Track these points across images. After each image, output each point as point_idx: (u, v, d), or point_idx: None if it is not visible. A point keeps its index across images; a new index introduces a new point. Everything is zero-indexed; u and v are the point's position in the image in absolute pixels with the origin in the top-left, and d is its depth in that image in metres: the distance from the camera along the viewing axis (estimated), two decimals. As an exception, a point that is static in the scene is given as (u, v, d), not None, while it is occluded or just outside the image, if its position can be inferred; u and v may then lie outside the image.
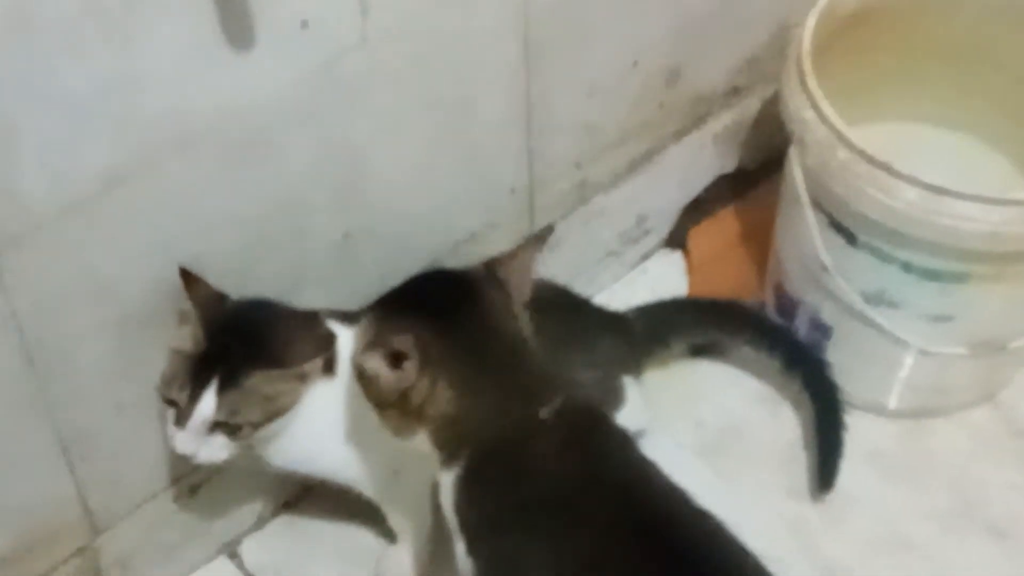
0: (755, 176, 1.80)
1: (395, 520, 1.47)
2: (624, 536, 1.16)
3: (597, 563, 1.15)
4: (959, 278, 1.44)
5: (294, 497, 1.56)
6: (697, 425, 1.63)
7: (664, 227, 1.77)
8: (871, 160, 1.38)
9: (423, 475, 1.37)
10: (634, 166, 1.66)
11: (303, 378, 1.28)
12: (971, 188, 1.37)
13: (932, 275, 1.44)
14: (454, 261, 1.51)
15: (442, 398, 1.17)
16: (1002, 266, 1.42)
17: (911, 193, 1.37)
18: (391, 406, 1.19)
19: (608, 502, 1.17)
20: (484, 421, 1.19)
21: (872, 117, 1.60)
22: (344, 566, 1.51)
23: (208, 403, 1.23)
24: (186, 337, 1.26)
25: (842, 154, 1.40)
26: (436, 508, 1.40)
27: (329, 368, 1.30)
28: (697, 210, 1.78)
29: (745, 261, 1.74)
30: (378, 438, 1.36)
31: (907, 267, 1.44)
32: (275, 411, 1.27)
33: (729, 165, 1.78)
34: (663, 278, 1.76)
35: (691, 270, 1.76)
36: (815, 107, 1.42)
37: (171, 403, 1.26)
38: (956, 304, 1.47)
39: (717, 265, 1.74)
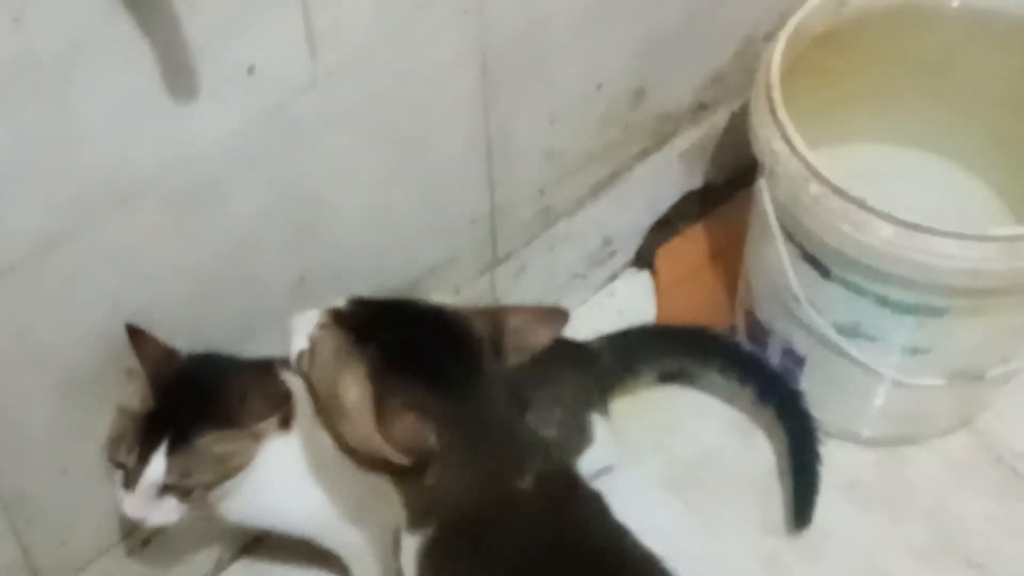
0: (723, 191, 1.75)
1: (358, 570, 1.42)
2: None
3: None
4: (936, 312, 1.39)
5: (253, 541, 1.51)
6: (668, 456, 1.58)
7: (630, 248, 1.72)
8: (844, 195, 1.32)
9: (386, 521, 1.32)
10: (598, 188, 1.61)
11: (258, 436, 1.22)
12: (946, 215, 1.32)
13: (908, 309, 1.40)
14: (415, 295, 1.47)
15: (431, 471, 1.11)
16: (981, 300, 1.38)
17: (886, 230, 1.32)
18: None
19: (582, 573, 1.12)
20: (461, 492, 1.12)
21: (842, 138, 1.56)
22: (307, 613, 1.47)
23: (157, 466, 1.17)
24: (134, 396, 1.20)
25: (814, 188, 1.34)
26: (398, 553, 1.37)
27: (286, 424, 1.25)
28: (665, 228, 1.73)
29: (714, 281, 1.69)
30: (337, 490, 1.32)
31: (883, 301, 1.40)
32: (228, 471, 1.22)
33: (696, 182, 1.73)
34: (631, 299, 1.71)
35: (659, 291, 1.71)
36: (786, 139, 1.36)
37: (119, 465, 1.20)
38: (933, 337, 1.42)
39: (686, 286, 1.69)
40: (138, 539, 1.39)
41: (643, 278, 1.73)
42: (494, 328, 1.14)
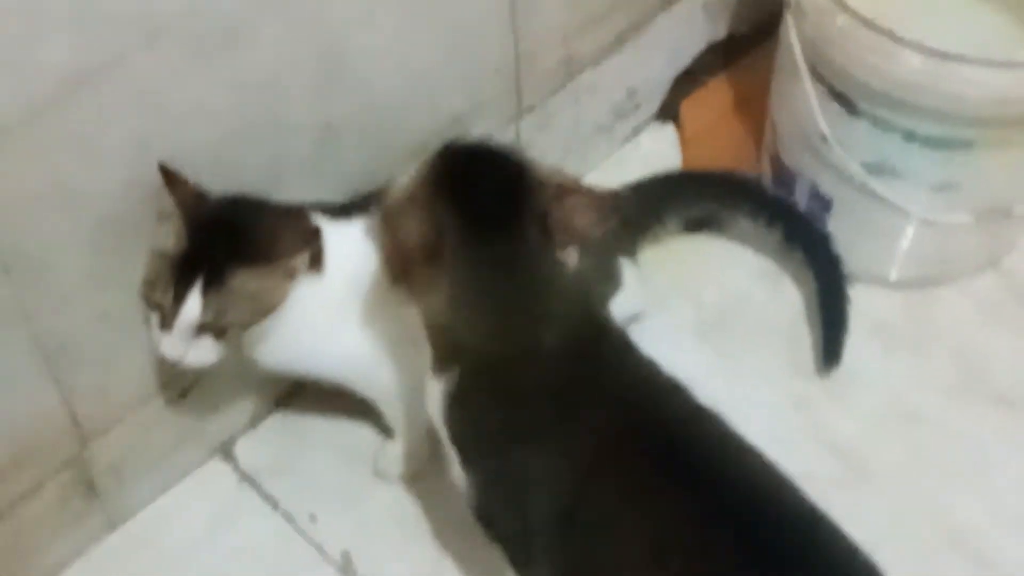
0: (746, 42, 1.74)
1: (391, 417, 1.43)
2: (626, 441, 1.12)
3: (597, 471, 1.11)
4: (964, 145, 1.39)
5: (287, 395, 1.52)
6: (697, 304, 1.59)
7: (655, 100, 1.71)
8: (872, 26, 1.32)
9: (416, 370, 1.33)
10: (622, 38, 1.60)
11: (290, 274, 1.23)
12: (973, 49, 1.32)
13: (936, 143, 1.39)
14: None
15: (438, 295, 1.12)
16: (1009, 131, 1.37)
17: (915, 60, 1.32)
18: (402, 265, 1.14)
19: (610, 410, 1.13)
20: (482, 336, 1.13)
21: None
22: (341, 463, 1.48)
23: (193, 304, 1.18)
24: (167, 237, 1.21)
25: (841, 20, 1.34)
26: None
27: (316, 263, 1.26)
28: (688, 80, 1.73)
29: (739, 132, 1.69)
30: (370, 333, 1.33)
31: (910, 136, 1.39)
32: (262, 310, 1.23)
33: (719, 32, 1.72)
34: (656, 152, 1.71)
35: (684, 143, 1.70)
36: (813, -32, 1.36)
37: (155, 306, 1.21)
38: (961, 172, 1.42)
39: (711, 137, 1.69)
40: (176, 390, 1.40)
41: (668, 131, 1.73)
42: (552, 203, 1.12)
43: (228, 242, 1.20)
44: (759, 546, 1.05)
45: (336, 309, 1.30)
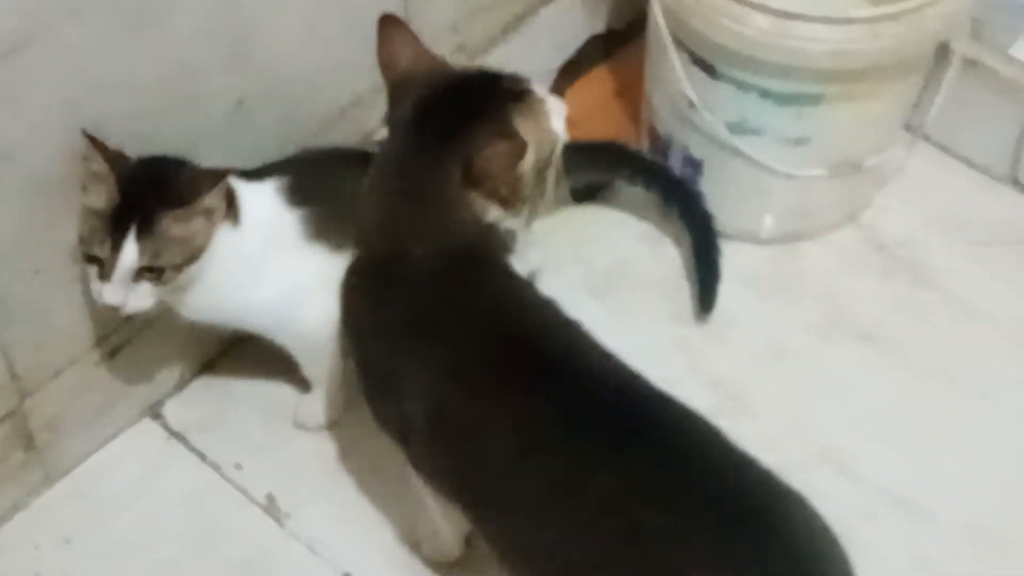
0: (624, 36, 1.90)
1: (308, 368, 1.56)
2: (490, 350, 1.24)
3: (462, 378, 1.24)
4: (812, 100, 1.55)
5: (211, 360, 1.64)
6: (587, 266, 1.73)
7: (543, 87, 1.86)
8: (722, -9, 1.48)
9: (331, 318, 1.46)
10: (508, 28, 1.76)
11: (209, 216, 1.36)
12: (812, 9, 1.48)
13: (787, 99, 1.56)
14: (343, 126, 1.61)
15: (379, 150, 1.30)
16: (850, 84, 1.54)
17: (762, 20, 1.48)
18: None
19: (473, 322, 1.26)
20: (373, 224, 1.28)
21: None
22: (263, 418, 1.60)
23: (130, 251, 1.31)
24: (98, 196, 1.33)
25: (696, -11, 1.51)
26: (347, 356, 1.52)
27: (233, 215, 1.39)
28: (573, 70, 1.88)
29: (620, 113, 1.85)
30: (286, 283, 1.46)
31: (764, 94, 1.56)
32: (190, 252, 1.35)
33: (599, 25, 1.88)
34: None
35: (571, 125, 1.85)
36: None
37: (93, 260, 1.33)
38: (812, 126, 1.59)
39: (595, 118, 1.84)
40: (106, 348, 1.52)
41: (556, 117, 1.88)
42: (480, 148, 1.24)
43: (154, 193, 1.33)
44: (619, 434, 1.16)
45: (254, 260, 1.43)
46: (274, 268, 1.45)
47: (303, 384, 1.59)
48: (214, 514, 1.53)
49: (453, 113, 1.27)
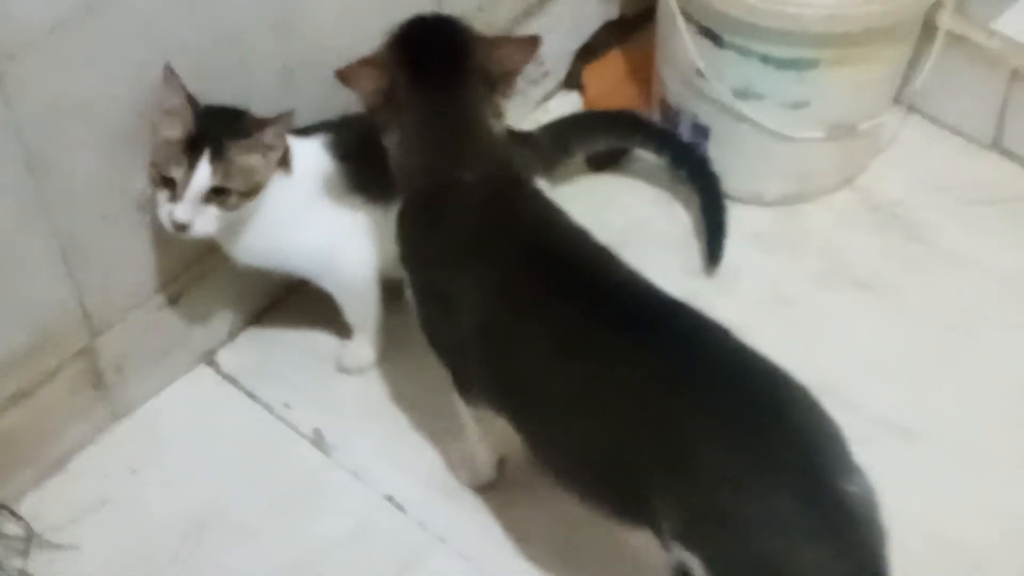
0: (635, 22, 2.06)
1: (350, 312, 1.70)
2: (531, 267, 1.39)
3: (506, 291, 1.38)
4: (810, 64, 1.70)
5: (259, 312, 1.79)
6: (605, 227, 1.80)
7: (561, 69, 2.02)
8: (726, -37, 1.64)
9: (372, 263, 1.63)
10: (530, 11, 1.91)
11: (269, 151, 1.51)
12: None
13: (787, 64, 1.71)
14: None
15: (396, 134, 1.43)
16: (844, 49, 1.69)
17: (762, -11, 1.64)
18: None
19: (517, 242, 1.40)
20: (417, 167, 1.43)
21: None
22: (309, 363, 1.75)
23: (204, 171, 1.47)
24: (173, 127, 1.49)
25: (700, -39, 1.66)
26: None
27: (285, 164, 1.54)
28: (588, 54, 2.04)
29: (633, 91, 2.00)
30: (331, 228, 1.61)
31: (766, 59, 1.71)
32: (254, 184, 1.51)
33: (612, 12, 2.04)
34: (563, 114, 2.01)
35: (587, 104, 2.01)
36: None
37: (166, 182, 1.48)
38: (810, 89, 1.74)
39: (610, 97, 1.99)
40: (167, 294, 1.66)
41: (573, 96, 2.03)
42: (489, 54, 1.44)
43: (224, 127, 1.49)
44: (644, 334, 1.31)
45: (302, 207, 1.59)
46: (320, 215, 1.60)
47: (344, 332, 1.74)
48: (266, 447, 1.67)
49: (442, 57, 1.43)
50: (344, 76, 1.42)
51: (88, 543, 1.58)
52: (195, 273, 1.67)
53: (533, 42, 1.47)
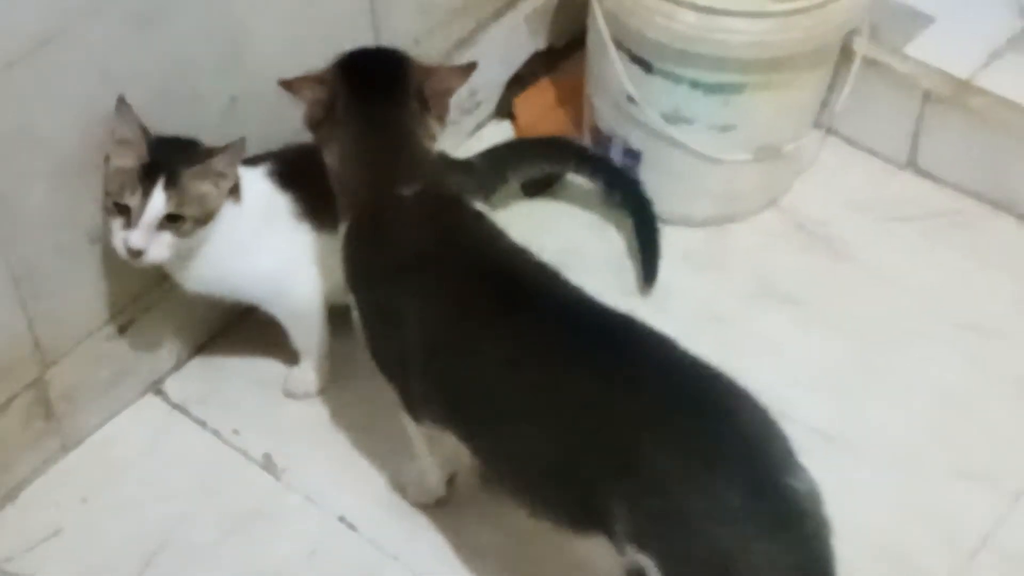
0: (563, 52, 2.12)
1: (298, 338, 1.74)
2: (476, 282, 1.43)
3: (453, 308, 1.43)
4: (736, 89, 1.78)
5: (206, 339, 1.82)
6: (540, 249, 1.86)
7: (493, 98, 2.08)
8: (655, -7, 1.71)
9: (319, 290, 1.67)
10: (462, 43, 1.97)
11: (221, 179, 1.55)
12: (734, 5, 1.71)
13: (715, 89, 1.78)
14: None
15: (336, 149, 1.48)
16: (769, 74, 1.76)
17: (690, 16, 1.71)
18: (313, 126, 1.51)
19: (461, 258, 1.45)
20: (361, 187, 1.48)
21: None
22: (257, 389, 1.78)
23: (159, 198, 1.50)
24: (127, 156, 1.52)
25: (632, -8, 1.73)
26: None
27: (235, 192, 1.58)
28: (518, 84, 2.09)
29: (563, 118, 2.06)
30: (279, 255, 1.64)
31: (695, 84, 1.77)
32: (207, 211, 1.54)
33: (540, 43, 2.10)
34: (496, 142, 2.06)
35: (519, 132, 2.07)
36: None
37: (120, 209, 1.51)
38: (736, 113, 1.81)
39: (541, 125, 2.05)
40: (116, 324, 1.68)
41: (505, 125, 2.09)
42: (425, 77, 1.50)
43: (177, 156, 1.52)
44: (591, 344, 1.36)
45: (251, 234, 1.62)
46: (268, 242, 1.64)
47: (291, 358, 1.77)
48: (216, 473, 1.70)
49: (382, 77, 1.50)
50: (289, 84, 1.49)
51: (44, 572, 1.59)
52: (144, 303, 1.70)
53: (468, 68, 1.54)
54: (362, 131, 1.48)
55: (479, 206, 1.58)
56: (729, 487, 1.26)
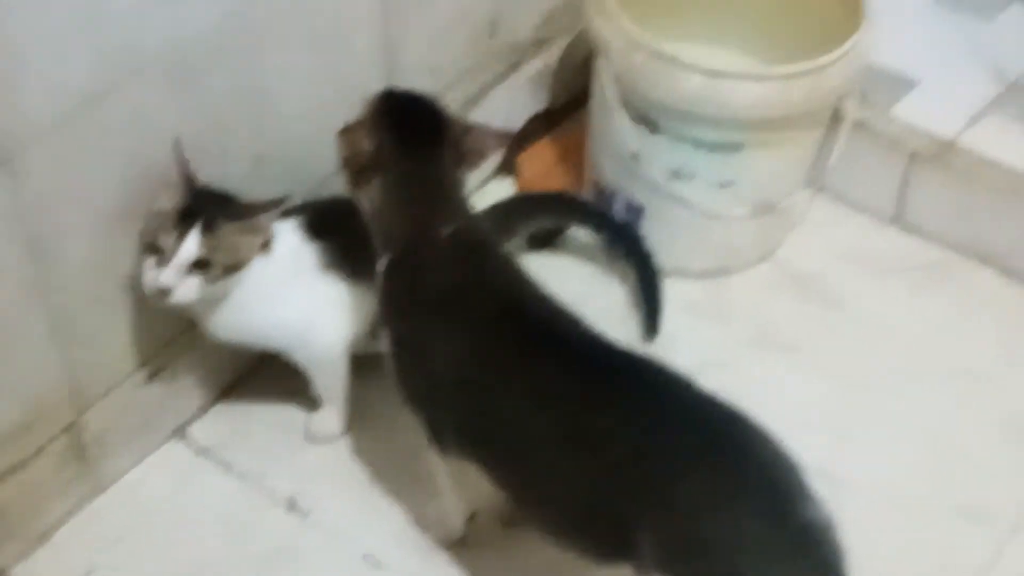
0: (562, 113, 2.22)
1: (319, 385, 1.80)
2: (505, 321, 1.52)
3: (483, 343, 1.51)
4: (736, 147, 1.87)
5: (230, 385, 1.88)
6: None
7: (497, 156, 2.16)
8: (662, 56, 1.80)
9: (341, 338, 1.75)
10: (468, 103, 2.06)
11: (256, 232, 1.63)
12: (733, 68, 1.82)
13: (716, 147, 1.87)
14: (337, 181, 1.87)
15: (378, 190, 1.56)
16: (767, 133, 1.86)
17: (695, 79, 1.80)
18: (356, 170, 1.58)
19: (491, 296, 1.54)
20: (402, 225, 1.56)
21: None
22: (279, 433, 1.84)
23: (193, 241, 1.57)
24: (169, 200, 1.59)
25: (639, 56, 1.82)
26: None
27: (266, 246, 1.65)
28: (520, 142, 2.19)
29: (564, 175, 2.15)
30: (305, 306, 1.72)
31: (697, 143, 1.87)
32: (238, 260, 1.61)
33: (542, 103, 2.20)
34: (500, 198, 2.15)
35: (521, 188, 2.15)
36: (615, 23, 1.84)
37: (154, 250, 1.57)
38: (735, 170, 1.90)
39: (543, 182, 2.14)
40: (149, 371, 1.75)
41: (508, 182, 2.18)
42: (463, 133, 1.60)
43: (216, 204, 1.60)
44: (615, 382, 1.46)
45: (279, 284, 1.69)
46: (295, 292, 1.71)
47: (311, 403, 1.84)
48: (242, 515, 1.76)
49: (424, 126, 1.59)
50: (344, 134, 1.58)
51: (79, 611, 1.65)
52: (173, 350, 1.77)
53: (505, 136, 1.65)
54: (406, 174, 1.56)
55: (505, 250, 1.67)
56: (750, 516, 1.35)
